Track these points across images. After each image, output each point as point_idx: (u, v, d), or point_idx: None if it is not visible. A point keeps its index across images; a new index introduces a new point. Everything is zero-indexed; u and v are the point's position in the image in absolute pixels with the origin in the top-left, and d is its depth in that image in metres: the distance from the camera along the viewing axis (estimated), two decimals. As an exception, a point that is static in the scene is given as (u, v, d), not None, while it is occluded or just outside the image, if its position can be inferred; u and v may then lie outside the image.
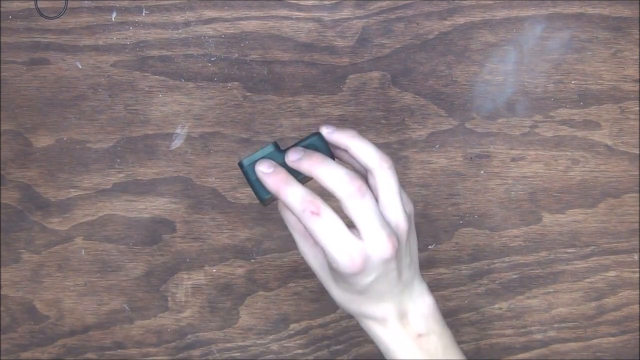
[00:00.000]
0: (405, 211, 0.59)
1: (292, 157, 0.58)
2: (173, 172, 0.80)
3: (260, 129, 0.79)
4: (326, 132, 0.59)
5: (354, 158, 0.59)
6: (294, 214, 0.57)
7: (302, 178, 0.59)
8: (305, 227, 0.57)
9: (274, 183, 0.58)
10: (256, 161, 0.59)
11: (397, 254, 0.58)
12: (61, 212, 0.80)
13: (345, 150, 0.60)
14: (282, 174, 0.58)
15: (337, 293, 0.61)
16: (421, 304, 0.62)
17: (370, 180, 0.59)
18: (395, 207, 0.58)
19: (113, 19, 0.78)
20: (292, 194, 0.57)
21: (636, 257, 0.81)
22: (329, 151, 0.60)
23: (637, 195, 0.80)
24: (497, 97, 0.79)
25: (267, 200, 0.60)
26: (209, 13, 0.78)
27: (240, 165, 0.60)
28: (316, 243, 0.59)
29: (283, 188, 0.57)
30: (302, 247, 0.62)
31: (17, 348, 0.82)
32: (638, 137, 0.79)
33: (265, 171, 0.58)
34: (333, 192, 0.57)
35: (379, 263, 0.57)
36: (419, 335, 0.61)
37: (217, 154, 0.79)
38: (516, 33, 0.78)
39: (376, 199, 0.58)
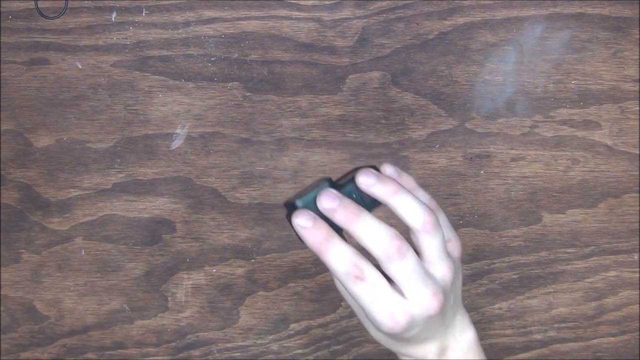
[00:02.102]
0: (452, 260, 0.55)
1: (325, 205, 0.53)
2: (173, 172, 0.80)
3: (260, 129, 0.79)
4: (364, 185, 0.54)
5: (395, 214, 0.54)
6: (335, 275, 0.53)
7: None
8: (347, 289, 0.53)
9: (314, 241, 0.52)
10: (312, 201, 0.53)
11: (443, 307, 0.55)
12: (61, 212, 0.80)
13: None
14: (323, 230, 0.52)
15: (376, 335, 0.59)
16: (461, 340, 0.60)
17: (412, 238, 0.54)
18: (440, 263, 0.54)
19: (113, 19, 0.78)
20: (334, 256, 0.52)
21: (636, 257, 0.81)
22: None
23: (637, 195, 0.80)
24: (497, 97, 0.79)
25: None
26: (209, 13, 0.78)
27: (293, 206, 0.53)
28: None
29: (324, 248, 0.52)
30: (339, 286, 0.59)
31: (17, 348, 0.82)
32: (638, 137, 0.79)
33: (304, 225, 0.52)
34: (370, 251, 0.52)
35: (423, 320, 0.54)
36: None
37: (217, 154, 0.79)
38: (516, 33, 0.78)
39: (418, 253, 0.54)
